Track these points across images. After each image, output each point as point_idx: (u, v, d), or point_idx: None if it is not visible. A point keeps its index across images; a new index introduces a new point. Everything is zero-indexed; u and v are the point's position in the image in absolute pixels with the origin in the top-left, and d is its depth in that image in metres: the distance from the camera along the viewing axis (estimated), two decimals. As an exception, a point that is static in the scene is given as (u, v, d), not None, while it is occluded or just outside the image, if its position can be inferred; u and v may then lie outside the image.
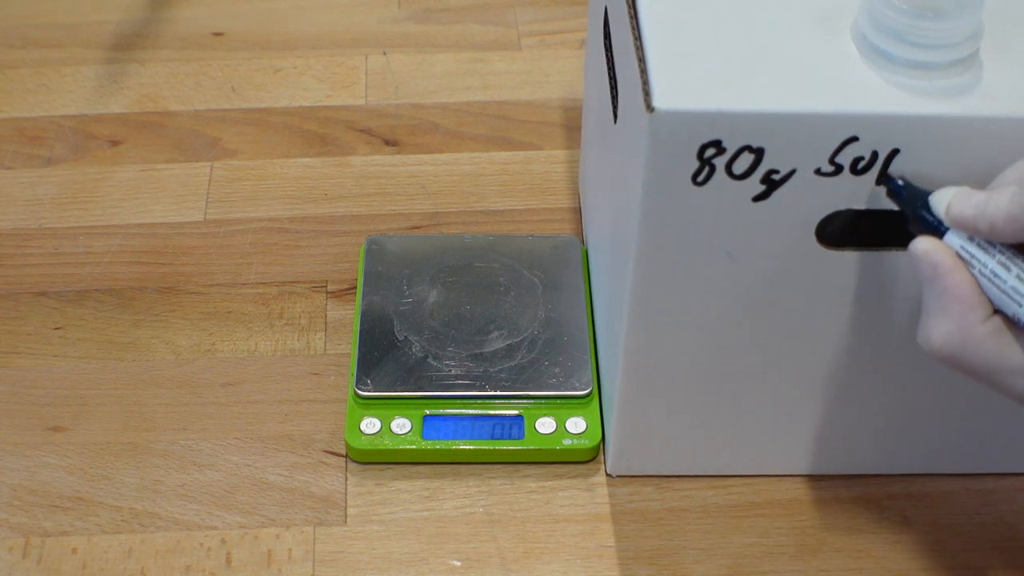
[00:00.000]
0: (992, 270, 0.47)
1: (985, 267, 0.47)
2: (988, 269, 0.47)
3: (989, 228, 0.46)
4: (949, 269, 0.47)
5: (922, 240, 0.48)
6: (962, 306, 0.47)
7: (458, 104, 0.87)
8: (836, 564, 0.62)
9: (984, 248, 0.47)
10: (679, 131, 0.50)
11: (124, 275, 0.75)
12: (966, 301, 0.47)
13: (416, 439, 0.65)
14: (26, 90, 0.88)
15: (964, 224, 0.47)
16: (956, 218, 0.48)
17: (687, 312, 0.57)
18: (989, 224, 0.46)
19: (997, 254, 0.47)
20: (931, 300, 0.48)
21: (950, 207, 0.48)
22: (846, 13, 0.53)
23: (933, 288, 0.47)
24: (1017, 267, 0.46)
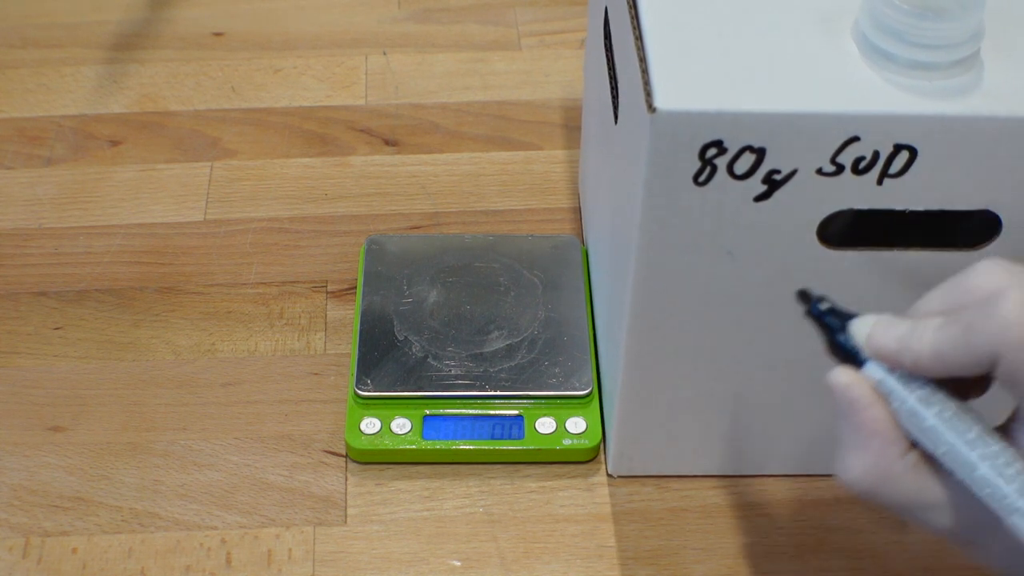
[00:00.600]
0: (911, 407, 0.45)
1: (904, 403, 0.45)
2: (907, 406, 0.45)
3: (913, 363, 0.44)
4: (867, 404, 0.45)
5: (840, 372, 0.46)
6: (880, 441, 0.45)
7: (458, 104, 0.87)
8: (836, 564, 0.62)
9: (904, 383, 0.45)
10: (680, 131, 0.50)
11: (124, 275, 0.75)
12: (883, 436, 0.45)
13: (416, 439, 0.65)
14: (26, 90, 0.88)
15: (886, 357, 0.45)
16: (877, 350, 0.46)
17: (687, 312, 0.57)
18: (913, 359, 0.44)
19: (917, 389, 0.45)
20: (848, 434, 0.46)
21: (871, 337, 0.46)
22: (847, 13, 0.53)
23: (850, 422, 0.46)
24: (938, 405, 0.44)
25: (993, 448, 0.43)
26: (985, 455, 0.43)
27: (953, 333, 0.43)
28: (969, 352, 0.43)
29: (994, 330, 0.42)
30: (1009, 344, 0.41)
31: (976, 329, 0.42)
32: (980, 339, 0.42)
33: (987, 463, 0.43)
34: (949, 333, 0.43)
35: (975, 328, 0.42)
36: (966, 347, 0.43)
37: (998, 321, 0.42)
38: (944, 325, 0.44)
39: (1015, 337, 0.41)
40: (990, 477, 0.43)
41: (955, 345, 0.43)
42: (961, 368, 0.43)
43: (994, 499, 0.43)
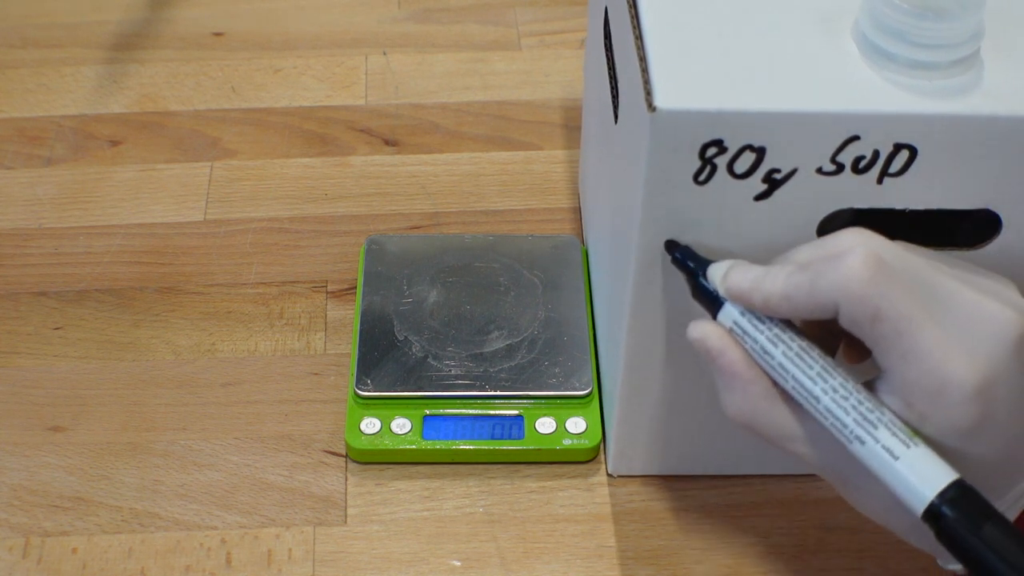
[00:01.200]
0: (762, 346, 0.48)
1: (756, 343, 0.49)
2: (759, 345, 0.49)
3: (763, 302, 0.48)
4: (721, 351, 0.49)
5: (693, 326, 0.50)
6: (740, 381, 0.49)
7: (458, 104, 0.87)
8: (836, 564, 0.62)
9: (755, 324, 0.49)
10: (680, 130, 0.50)
11: (124, 275, 0.75)
12: (742, 376, 0.49)
13: (416, 439, 0.65)
14: (26, 90, 0.88)
15: (739, 296, 0.49)
16: (731, 289, 0.49)
17: (688, 312, 0.57)
18: (763, 299, 0.48)
19: (766, 330, 0.48)
20: (716, 378, 0.50)
21: (727, 278, 0.50)
22: (847, 13, 0.53)
23: (714, 368, 0.50)
24: (783, 343, 0.48)
25: (833, 382, 0.47)
26: (826, 389, 0.47)
27: (802, 280, 0.47)
28: (813, 297, 0.47)
29: (836, 280, 0.46)
30: (848, 295, 0.45)
31: (822, 277, 0.46)
32: (823, 287, 0.46)
33: (828, 396, 0.47)
34: (798, 279, 0.47)
35: (820, 276, 0.46)
36: (811, 293, 0.47)
37: (839, 273, 0.46)
38: (795, 272, 0.48)
39: (853, 289, 0.45)
40: (831, 408, 0.46)
41: (802, 290, 0.47)
42: (806, 311, 0.47)
43: (836, 428, 0.46)
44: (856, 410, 0.46)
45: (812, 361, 0.47)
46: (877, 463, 0.45)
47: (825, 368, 0.47)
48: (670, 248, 0.53)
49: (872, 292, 0.45)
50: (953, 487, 0.44)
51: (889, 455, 0.45)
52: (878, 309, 0.45)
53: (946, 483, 0.44)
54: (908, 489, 0.45)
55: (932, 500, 0.44)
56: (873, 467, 0.46)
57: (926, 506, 0.44)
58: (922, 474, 0.44)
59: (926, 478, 0.44)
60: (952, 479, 0.44)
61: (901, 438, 0.45)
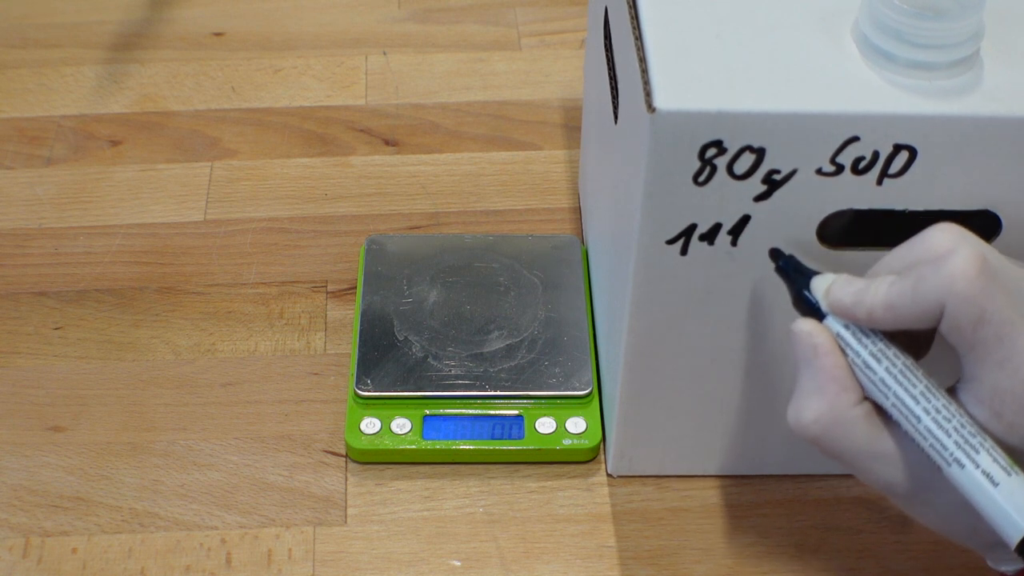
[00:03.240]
0: (864, 360, 0.48)
1: (858, 356, 0.48)
2: (860, 359, 0.48)
3: (867, 315, 0.47)
4: (828, 351, 0.48)
5: (804, 321, 0.49)
6: (837, 387, 0.48)
7: (458, 104, 0.87)
8: (836, 564, 0.62)
9: (858, 338, 0.48)
10: (680, 131, 0.50)
11: (124, 275, 0.75)
12: (841, 383, 0.48)
13: (416, 439, 0.65)
14: (26, 90, 0.88)
15: (842, 310, 0.48)
16: (835, 304, 0.49)
17: (687, 312, 0.57)
18: (867, 312, 0.47)
19: (870, 344, 0.48)
20: (807, 379, 0.48)
21: (829, 292, 0.49)
22: (846, 13, 0.53)
23: (810, 368, 0.48)
24: (887, 360, 0.47)
25: (936, 403, 0.46)
26: (928, 409, 0.46)
27: (905, 287, 0.46)
28: (917, 303, 0.46)
29: (941, 282, 0.45)
30: (954, 295, 0.44)
31: (925, 282, 0.45)
32: (928, 291, 0.45)
33: (930, 416, 0.46)
34: (901, 287, 0.46)
35: (925, 281, 0.45)
36: (915, 299, 0.46)
37: (946, 274, 0.45)
38: (897, 280, 0.47)
39: (960, 289, 0.44)
40: (932, 429, 0.46)
41: (906, 297, 0.46)
42: (911, 319, 0.46)
43: (935, 450, 0.46)
44: (958, 432, 0.45)
45: (916, 380, 0.47)
46: (975, 488, 0.45)
47: (928, 388, 0.47)
48: (774, 256, 0.52)
49: (979, 293, 0.44)
50: None
51: (989, 481, 0.45)
52: (983, 311, 0.44)
53: None
54: (1004, 517, 0.44)
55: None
56: (968, 491, 0.45)
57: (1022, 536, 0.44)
58: (1020, 503, 0.44)
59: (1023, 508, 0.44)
60: None
61: (1002, 465, 0.45)
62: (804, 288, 0.50)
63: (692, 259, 0.54)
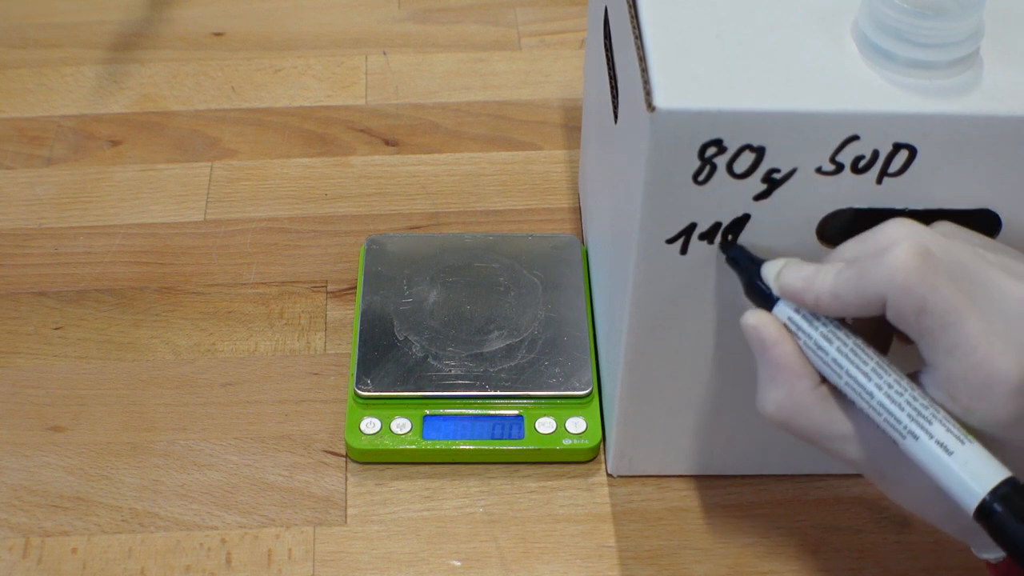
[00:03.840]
0: (816, 342, 0.49)
1: (809, 339, 0.49)
2: (812, 341, 0.49)
3: (814, 301, 0.48)
4: (776, 341, 0.49)
5: (750, 314, 0.50)
6: (790, 375, 0.49)
7: (458, 104, 0.87)
8: (836, 564, 0.62)
9: (809, 320, 0.49)
10: (680, 130, 0.50)
11: (124, 275, 0.75)
12: (793, 370, 0.49)
13: (416, 439, 0.65)
14: (26, 90, 0.88)
15: (792, 295, 0.49)
16: (784, 288, 0.50)
17: (687, 311, 0.57)
18: (814, 298, 0.48)
19: (820, 327, 0.49)
20: (762, 370, 0.50)
21: (780, 277, 0.50)
22: (846, 12, 0.53)
23: (763, 358, 0.50)
24: (838, 340, 0.48)
25: (887, 379, 0.47)
26: (880, 384, 0.47)
27: (850, 276, 0.47)
28: (860, 293, 0.47)
29: (882, 274, 0.46)
30: (894, 287, 0.45)
31: (868, 272, 0.46)
32: (870, 282, 0.46)
33: (882, 391, 0.47)
34: (846, 275, 0.47)
35: (867, 272, 0.46)
36: (858, 289, 0.47)
37: (886, 266, 0.46)
38: (844, 269, 0.48)
39: (900, 281, 0.45)
40: (885, 403, 0.47)
41: (850, 286, 0.47)
42: (856, 308, 0.47)
43: (889, 424, 0.47)
44: (910, 405, 0.46)
45: (867, 357, 0.48)
46: (930, 458, 0.45)
47: (879, 364, 0.47)
48: (725, 248, 0.54)
49: (918, 284, 0.45)
50: (1005, 484, 0.44)
51: (943, 451, 0.45)
52: (924, 301, 0.45)
53: (998, 480, 0.44)
54: (961, 485, 0.45)
55: (984, 497, 0.44)
56: (925, 462, 0.46)
57: (979, 502, 0.44)
58: (975, 471, 0.45)
59: (979, 475, 0.45)
60: (1004, 476, 0.44)
61: (955, 434, 0.45)
62: (755, 276, 0.51)
63: (692, 258, 0.54)
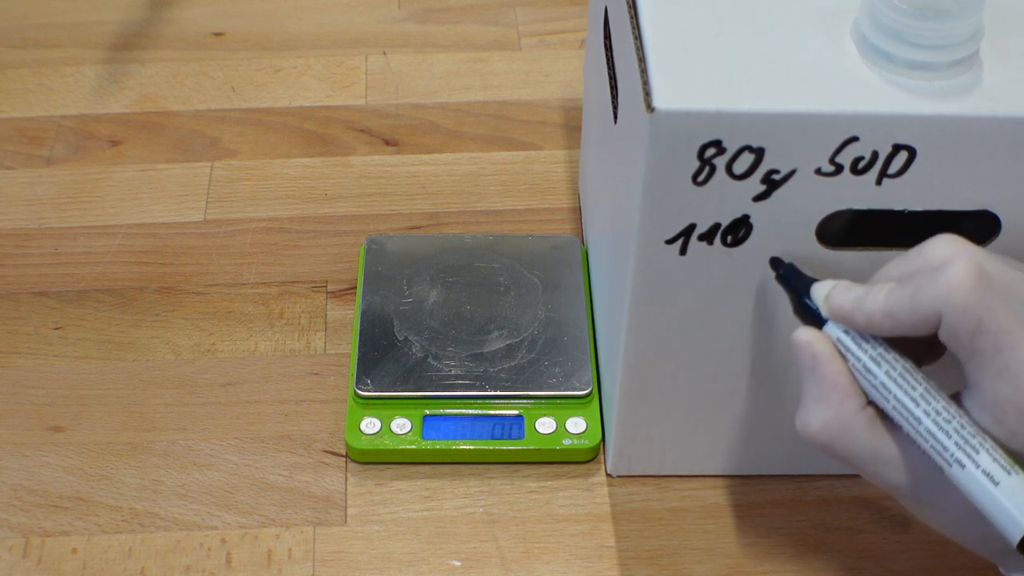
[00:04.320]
0: (864, 365, 0.48)
1: (859, 361, 0.49)
2: (861, 364, 0.49)
3: (866, 321, 0.48)
4: (828, 359, 0.49)
5: (803, 330, 0.50)
6: (840, 394, 0.48)
7: (458, 104, 0.87)
8: (836, 564, 0.62)
9: (858, 343, 0.49)
10: (679, 131, 0.50)
11: (124, 275, 0.75)
12: (843, 390, 0.49)
13: (416, 439, 0.65)
14: (26, 90, 0.88)
15: (842, 316, 0.49)
16: (834, 310, 0.49)
17: (687, 312, 0.57)
18: (866, 317, 0.48)
19: (870, 349, 0.48)
20: (810, 388, 0.49)
21: (829, 298, 0.50)
22: (846, 13, 0.53)
23: (813, 376, 0.49)
24: (887, 364, 0.48)
25: (935, 405, 0.47)
26: (928, 411, 0.47)
27: (903, 295, 0.47)
28: (915, 312, 0.46)
29: (938, 293, 0.45)
30: (950, 306, 0.45)
31: (923, 291, 0.46)
32: (925, 300, 0.46)
33: (930, 418, 0.47)
34: (899, 295, 0.47)
35: (922, 290, 0.46)
36: (912, 307, 0.46)
37: (943, 284, 0.45)
38: (896, 288, 0.47)
39: (957, 299, 0.45)
40: (932, 430, 0.46)
41: (903, 306, 0.47)
42: (909, 327, 0.47)
43: (936, 451, 0.46)
44: (958, 434, 0.46)
45: (915, 383, 0.47)
46: (975, 487, 0.45)
47: (928, 390, 0.47)
48: (775, 265, 0.54)
49: (975, 303, 0.45)
50: None
51: (989, 481, 0.45)
52: (980, 321, 0.45)
53: None
54: (1006, 515, 0.45)
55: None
56: (970, 491, 0.46)
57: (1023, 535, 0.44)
58: (1021, 502, 0.44)
59: None
60: None
61: (1002, 464, 0.45)
62: (804, 295, 0.51)
63: (691, 259, 0.54)
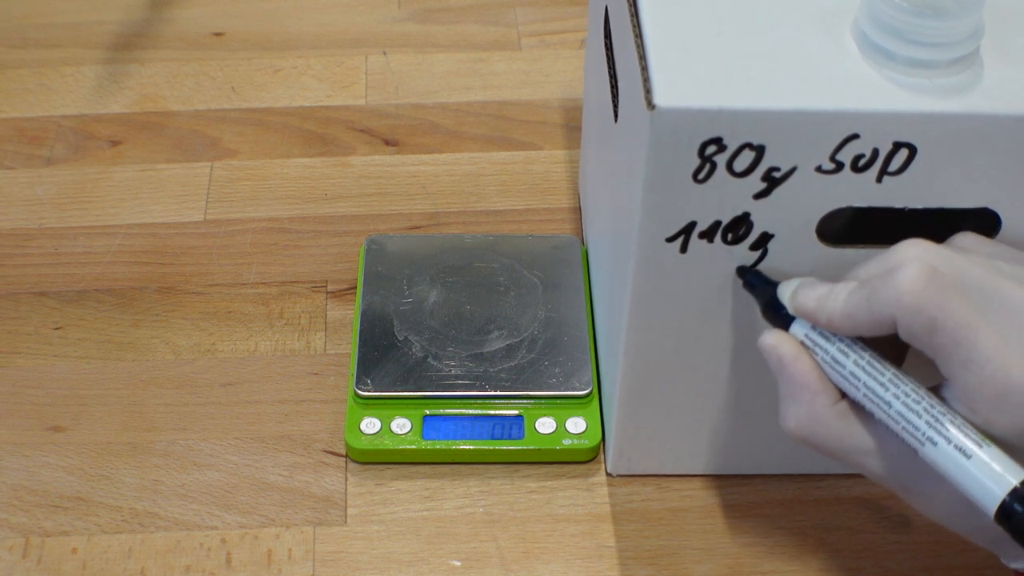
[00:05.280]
0: (833, 356, 0.50)
1: (827, 354, 0.50)
2: (829, 356, 0.50)
3: (827, 321, 0.49)
4: (793, 359, 0.50)
5: (767, 334, 0.51)
6: (809, 392, 0.50)
7: (458, 104, 0.87)
8: (836, 564, 0.62)
9: (826, 336, 0.50)
10: (680, 129, 0.50)
11: (124, 275, 0.75)
12: (812, 387, 0.50)
13: (416, 439, 0.65)
14: (26, 90, 0.88)
15: (806, 314, 0.50)
16: (799, 308, 0.51)
17: (687, 311, 0.57)
18: (827, 318, 0.49)
19: (837, 341, 0.50)
20: (782, 388, 0.51)
21: (794, 296, 0.51)
22: (846, 11, 0.53)
23: (782, 377, 0.51)
24: (855, 353, 0.49)
25: (904, 388, 0.48)
26: (898, 394, 0.48)
27: (861, 297, 0.48)
28: (871, 314, 0.47)
29: (889, 295, 0.47)
30: (901, 308, 0.46)
31: (877, 293, 0.47)
32: (879, 303, 0.47)
33: (900, 400, 0.48)
34: (857, 296, 0.48)
35: (876, 293, 0.47)
36: (869, 310, 0.48)
37: (892, 287, 0.46)
38: (855, 289, 0.49)
39: (908, 302, 0.46)
40: (903, 412, 0.47)
41: (861, 308, 0.48)
42: (868, 328, 0.48)
43: (908, 432, 0.47)
44: (928, 412, 0.47)
45: (883, 369, 0.48)
46: (949, 463, 0.46)
47: (896, 375, 0.48)
48: (741, 273, 0.55)
49: (926, 304, 0.46)
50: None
51: (961, 455, 0.46)
52: (934, 320, 0.46)
53: (1017, 480, 0.45)
54: (980, 488, 0.45)
55: (1004, 498, 0.44)
56: (945, 468, 0.46)
57: (999, 504, 0.45)
58: (994, 473, 0.45)
59: (997, 477, 0.45)
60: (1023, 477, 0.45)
61: (973, 438, 0.46)
62: (772, 296, 0.52)
63: (692, 257, 0.54)
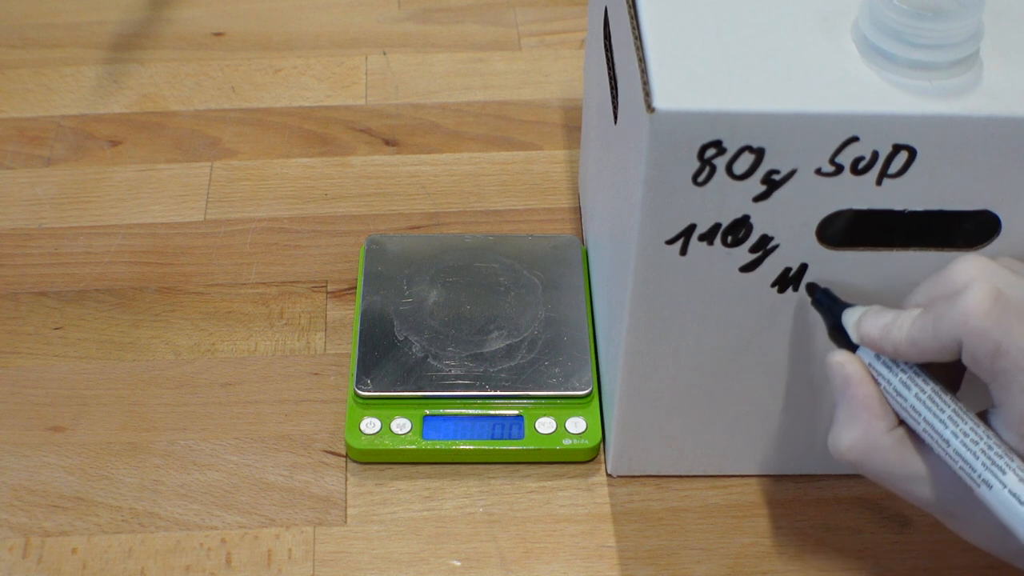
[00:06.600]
0: (895, 388, 0.50)
1: (889, 384, 0.50)
2: (892, 387, 0.50)
3: (893, 350, 0.50)
4: (858, 381, 0.50)
5: (837, 352, 0.52)
6: (868, 415, 0.50)
7: (458, 104, 0.87)
8: (836, 564, 0.62)
9: (889, 366, 0.50)
10: (679, 131, 0.50)
11: (124, 275, 0.75)
12: (872, 411, 0.50)
13: (416, 439, 0.65)
14: (26, 90, 0.88)
15: (871, 343, 0.51)
16: (864, 338, 0.51)
17: (687, 312, 0.57)
18: (893, 346, 0.49)
19: (900, 372, 0.50)
20: (842, 408, 0.51)
21: (859, 325, 0.51)
22: (846, 13, 0.53)
23: (844, 397, 0.51)
24: (917, 387, 0.49)
25: (964, 427, 0.48)
26: (956, 432, 0.48)
27: (926, 323, 0.48)
28: (937, 339, 0.48)
29: (955, 319, 0.47)
30: (968, 332, 0.46)
31: (942, 319, 0.47)
32: (945, 327, 0.47)
33: (958, 439, 0.48)
34: (923, 323, 0.48)
35: (942, 318, 0.47)
36: (934, 335, 0.48)
37: (959, 311, 0.46)
38: (919, 316, 0.49)
39: (973, 325, 0.46)
40: (961, 451, 0.48)
41: (927, 333, 0.48)
42: (934, 354, 0.48)
43: (964, 472, 0.48)
44: (985, 455, 0.47)
45: (944, 405, 0.49)
46: (1003, 507, 0.46)
47: (956, 412, 0.48)
48: (811, 290, 0.55)
49: (992, 327, 0.46)
50: None
51: (1015, 500, 0.46)
52: (999, 344, 0.46)
53: None
54: None
55: None
56: (997, 510, 0.46)
57: None
58: None
59: None
60: None
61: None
62: (839, 319, 0.52)
63: (691, 259, 0.54)
